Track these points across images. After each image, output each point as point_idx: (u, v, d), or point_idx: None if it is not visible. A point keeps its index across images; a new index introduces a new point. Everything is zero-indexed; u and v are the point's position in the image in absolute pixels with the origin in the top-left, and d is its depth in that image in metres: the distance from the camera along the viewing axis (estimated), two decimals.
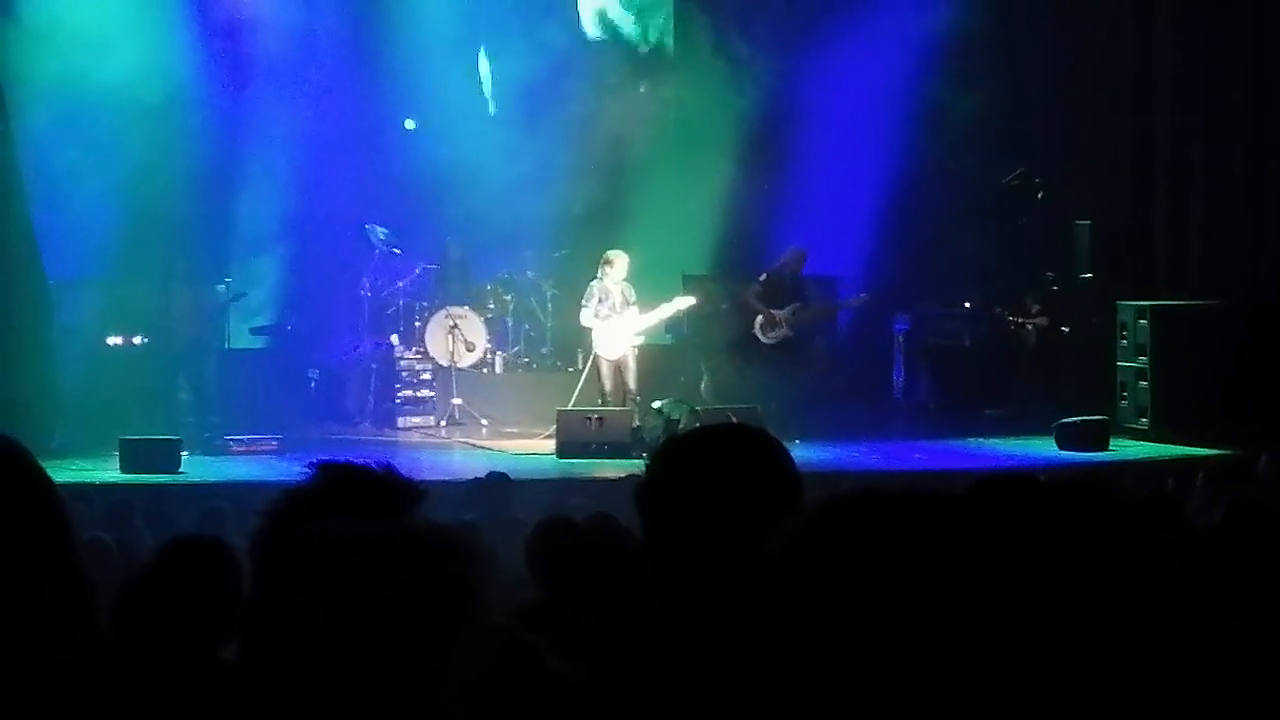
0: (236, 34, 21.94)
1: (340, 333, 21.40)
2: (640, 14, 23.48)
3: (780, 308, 20.14)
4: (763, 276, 20.46)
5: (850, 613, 1.76)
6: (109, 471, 16.50)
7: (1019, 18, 22.37)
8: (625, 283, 19.16)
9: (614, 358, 19.06)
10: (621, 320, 19.00)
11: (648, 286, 19.34)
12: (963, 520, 1.82)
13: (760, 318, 20.19)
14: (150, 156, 20.58)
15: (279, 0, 21.96)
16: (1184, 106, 21.70)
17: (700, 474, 3.23)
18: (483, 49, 22.77)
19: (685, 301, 19.82)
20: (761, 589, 1.81)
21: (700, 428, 3.69)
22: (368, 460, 3.84)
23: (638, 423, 18.61)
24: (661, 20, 23.58)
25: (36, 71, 19.70)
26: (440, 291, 21.37)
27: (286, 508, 3.68)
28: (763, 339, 20.19)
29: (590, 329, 19.19)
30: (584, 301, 19.21)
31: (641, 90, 22.76)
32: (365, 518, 2.55)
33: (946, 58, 21.71)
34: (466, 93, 22.49)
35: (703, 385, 20.87)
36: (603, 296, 19.10)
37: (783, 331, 20.13)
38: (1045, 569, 1.85)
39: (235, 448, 18.13)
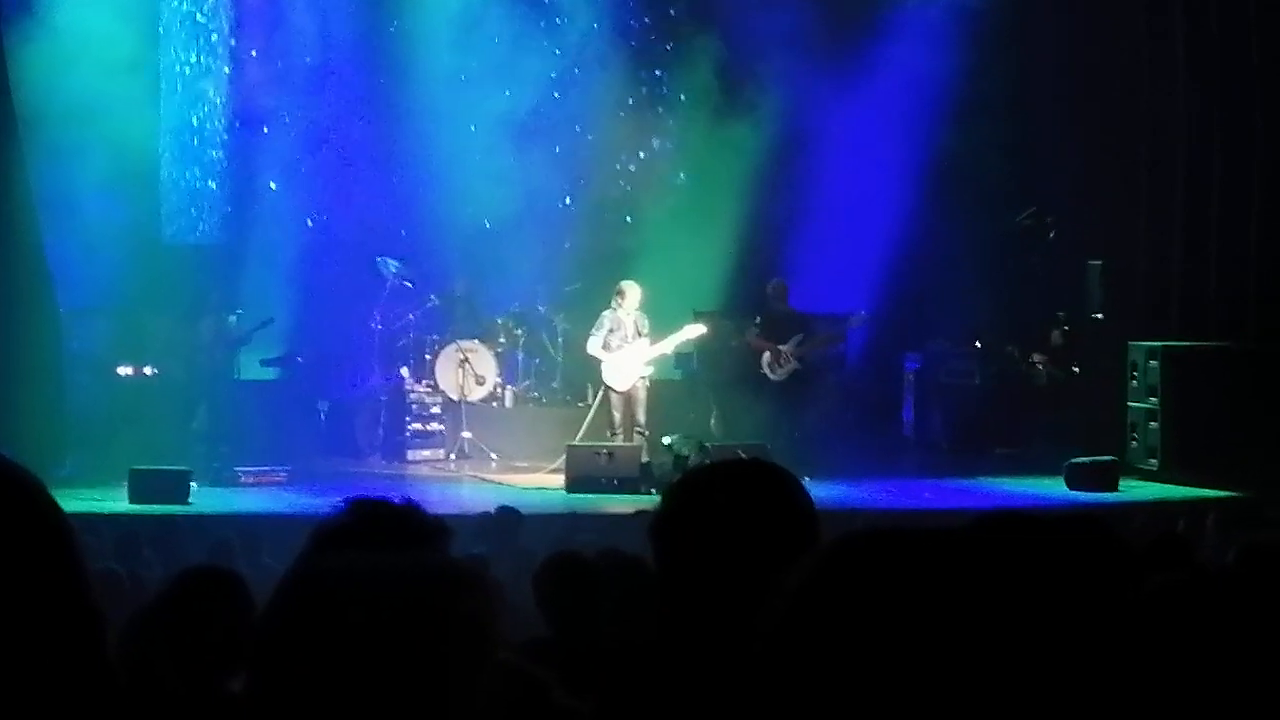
0: (254, 67, 22.05)
1: (350, 365, 21.41)
2: None
3: (784, 342, 20.06)
4: (758, 319, 20.38)
5: (867, 649, 1.76)
6: (118, 502, 16.48)
7: (1033, 56, 22.39)
8: (639, 313, 19.15)
9: (623, 389, 19.03)
10: (631, 350, 18.98)
11: (659, 321, 19.33)
12: (974, 559, 1.81)
13: (767, 355, 20.08)
14: (163, 185, 20.69)
15: (294, 34, 22.06)
16: (1199, 146, 21.67)
17: (716, 509, 3.22)
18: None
19: (695, 330, 19.77)
20: (779, 626, 1.80)
21: (717, 462, 3.68)
22: (394, 496, 3.86)
23: (647, 458, 18.61)
24: None
25: (52, 100, 19.76)
26: (451, 325, 21.37)
27: (325, 539, 3.69)
28: (773, 377, 20.09)
29: (597, 357, 19.18)
30: (594, 330, 19.20)
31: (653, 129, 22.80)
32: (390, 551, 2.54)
33: (959, 96, 21.73)
34: (476, 126, 22.52)
35: (712, 421, 20.86)
36: (614, 326, 19.08)
37: (791, 365, 20.06)
38: (1051, 606, 1.85)
39: (244, 479, 18.14)
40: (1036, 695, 1.76)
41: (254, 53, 22.12)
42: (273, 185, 22.12)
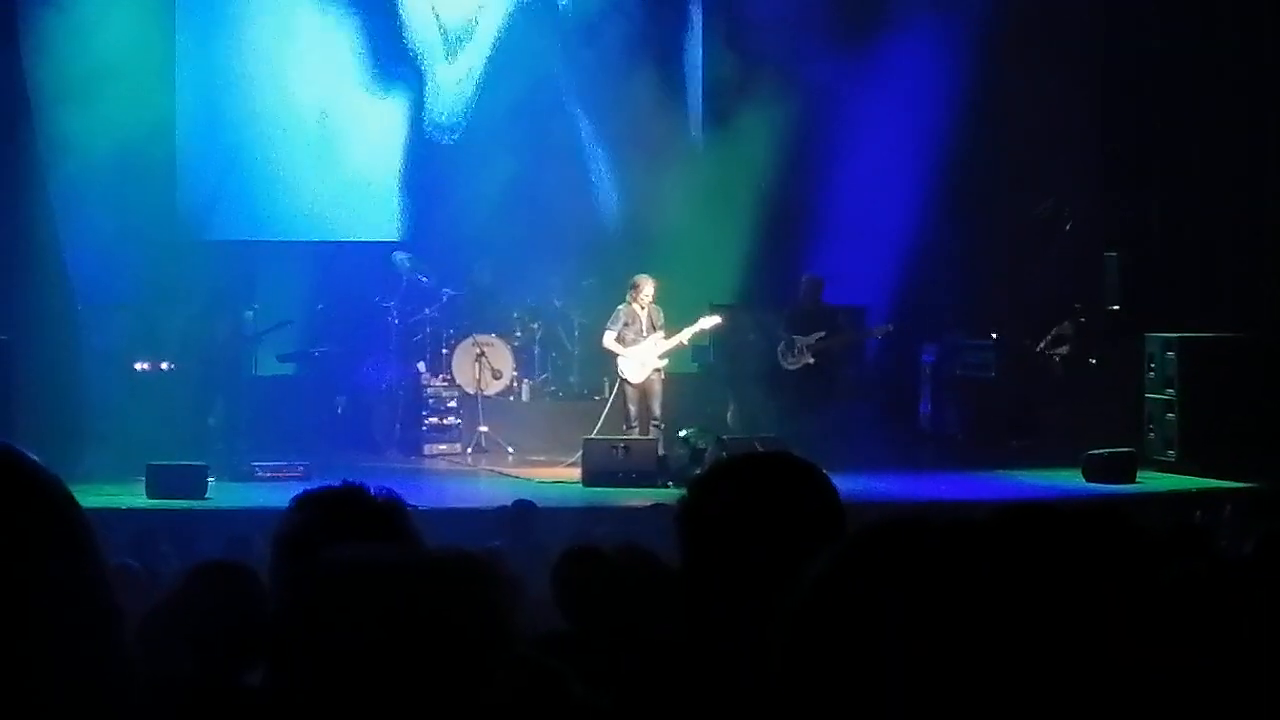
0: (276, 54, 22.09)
1: (367, 360, 21.40)
2: None
3: (806, 335, 20.09)
4: (785, 310, 20.46)
5: (889, 639, 1.76)
6: (135, 497, 16.50)
7: (1048, 48, 22.32)
8: (654, 305, 19.16)
9: (638, 382, 19.05)
10: (647, 344, 18.99)
11: (676, 315, 19.34)
12: (994, 549, 1.81)
13: (783, 344, 20.17)
14: (181, 179, 20.75)
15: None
16: (1216, 139, 21.63)
17: (742, 501, 3.22)
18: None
19: (710, 320, 19.71)
20: (801, 615, 1.80)
21: (743, 454, 3.68)
22: (336, 482, 3.88)
23: (663, 451, 18.61)
24: None
25: (68, 95, 19.75)
26: (467, 319, 21.37)
27: (284, 540, 3.70)
28: (784, 365, 20.16)
29: (612, 352, 19.20)
30: (609, 324, 19.22)
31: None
32: (353, 537, 2.54)
33: (975, 89, 21.69)
34: (489, 118, 22.55)
35: (729, 414, 20.85)
36: (629, 320, 19.10)
37: (805, 359, 20.08)
38: (1070, 595, 1.85)
39: (261, 474, 18.14)
40: (1056, 683, 1.76)
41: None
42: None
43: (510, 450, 20.50)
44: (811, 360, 20.12)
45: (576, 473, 18.52)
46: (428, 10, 22.68)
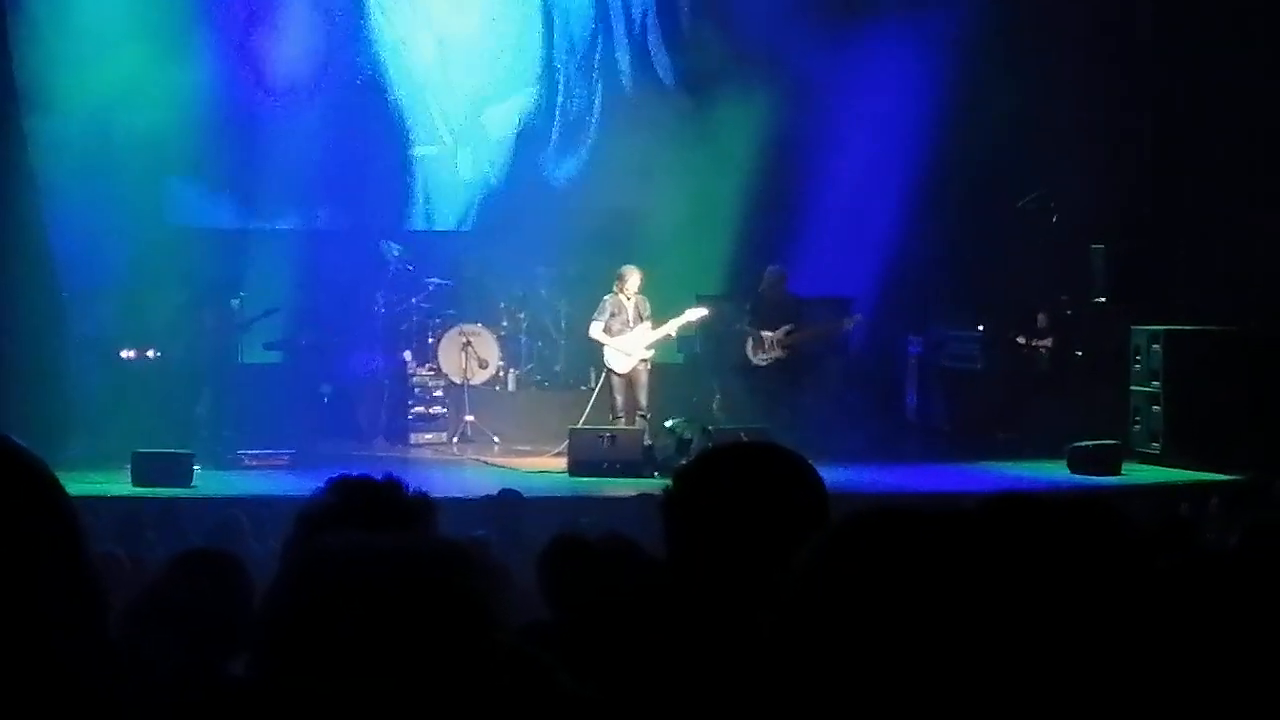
0: (256, 46, 22.01)
1: (353, 349, 21.37)
2: None
3: (772, 329, 20.02)
4: (749, 305, 20.39)
5: (875, 628, 1.76)
6: (120, 484, 16.47)
7: (1037, 37, 22.32)
8: (640, 296, 19.16)
9: (624, 372, 19.05)
10: (633, 334, 18.99)
11: (662, 305, 19.33)
12: (981, 539, 1.82)
13: (750, 340, 20.09)
14: (168, 165, 20.72)
15: (297, 16, 22.08)
16: (1203, 131, 21.64)
17: (729, 491, 3.22)
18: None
19: (697, 313, 19.74)
20: (788, 605, 1.81)
21: (730, 445, 3.67)
22: (376, 474, 3.87)
23: (649, 441, 18.61)
24: None
25: (55, 78, 19.72)
26: (453, 308, 21.36)
27: (308, 520, 3.69)
28: (753, 361, 20.09)
29: (598, 342, 19.20)
30: (595, 315, 19.22)
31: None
32: (379, 529, 2.53)
33: (962, 79, 21.69)
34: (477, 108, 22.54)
35: (715, 405, 20.84)
36: (615, 311, 19.10)
37: (775, 353, 20.03)
38: (1056, 587, 1.85)
39: (247, 462, 18.13)
40: (1041, 673, 1.76)
41: (259, 31, 22.07)
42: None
43: (496, 440, 20.50)
44: (782, 354, 20.05)
45: (562, 462, 18.52)
46: None
